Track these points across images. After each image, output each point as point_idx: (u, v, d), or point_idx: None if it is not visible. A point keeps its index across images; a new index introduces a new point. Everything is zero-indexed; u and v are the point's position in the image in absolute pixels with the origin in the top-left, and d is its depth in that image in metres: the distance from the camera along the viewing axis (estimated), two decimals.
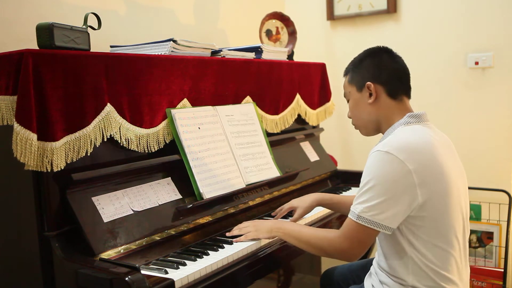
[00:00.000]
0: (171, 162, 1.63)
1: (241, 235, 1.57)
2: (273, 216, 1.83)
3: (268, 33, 2.60)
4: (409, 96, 1.46)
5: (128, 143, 1.51)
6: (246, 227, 1.59)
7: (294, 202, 1.80)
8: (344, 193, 2.22)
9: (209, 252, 1.46)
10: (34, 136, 1.24)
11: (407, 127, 1.38)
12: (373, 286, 1.44)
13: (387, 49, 1.49)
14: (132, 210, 1.46)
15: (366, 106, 1.45)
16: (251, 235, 1.55)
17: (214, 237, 1.63)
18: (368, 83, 1.43)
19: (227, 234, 1.61)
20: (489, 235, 2.67)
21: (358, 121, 1.51)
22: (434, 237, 1.30)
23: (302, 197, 1.83)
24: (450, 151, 1.40)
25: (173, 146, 1.66)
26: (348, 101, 1.53)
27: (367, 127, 1.49)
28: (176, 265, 1.35)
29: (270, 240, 1.58)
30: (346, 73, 1.54)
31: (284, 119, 2.25)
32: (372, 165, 1.30)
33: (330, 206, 1.83)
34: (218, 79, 1.87)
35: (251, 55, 2.10)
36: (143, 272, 1.22)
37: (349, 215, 1.32)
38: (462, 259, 1.36)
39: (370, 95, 1.43)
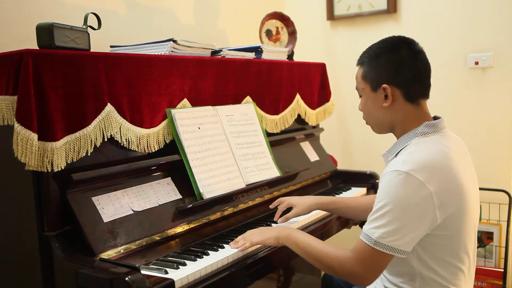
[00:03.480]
0: (171, 162, 1.63)
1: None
2: (275, 221, 1.77)
3: (268, 33, 2.60)
4: (427, 97, 1.36)
5: (129, 143, 1.51)
6: (252, 235, 1.50)
7: (293, 200, 1.75)
8: (344, 193, 2.22)
9: (209, 252, 1.46)
10: (34, 136, 1.24)
11: (424, 138, 1.29)
12: None
13: (408, 41, 1.36)
14: (132, 210, 1.46)
15: (380, 107, 1.34)
16: (256, 238, 1.47)
17: (214, 237, 1.63)
18: (385, 85, 1.31)
19: (231, 245, 1.51)
20: (489, 235, 2.67)
21: (370, 119, 1.41)
22: (446, 254, 1.26)
23: (302, 197, 1.79)
24: (465, 160, 1.34)
25: (173, 146, 1.66)
26: (360, 96, 1.42)
27: (379, 127, 1.41)
28: (176, 265, 1.35)
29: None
30: (360, 63, 1.40)
31: (284, 119, 2.25)
32: (391, 186, 1.20)
33: (330, 210, 1.78)
34: (218, 79, 1.87)
35: (251, 55, 2.10)
36: (143, 272, 1.22)
37: (362, 238, 1.23)
38: (471, 271, 1.34)
39: (386, 97, 1.32)
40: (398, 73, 1.32)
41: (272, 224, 1.76)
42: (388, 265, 1.33)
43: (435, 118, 1.37)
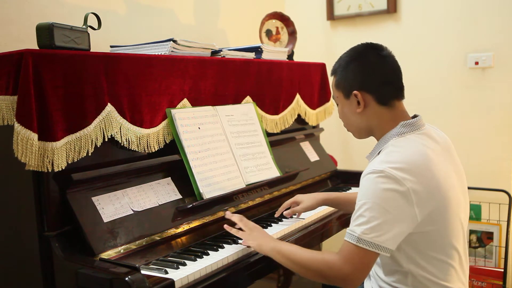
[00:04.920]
0: (171, 162, 1.63)
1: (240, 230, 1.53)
2: (275, 218, 1.81)
3: (268, 33, 2.60)
4: (401, 98, 1.39)
5: (129, 143, 1.51)
6: (245, 227, 1.51)
7: (299, 197, 1.80)
8: None
9: (209, 252, 1.46)
10: (35, 136, 1.24)
11: (400, 138, 1.32)
12: None
13: (374, 46, 1.39)
14: (132, 210, 1.46)
15: (354, 113, 1.38)
16: (251, 244, 1.47)
17: (214, 237, 1.63)
18: (355, 92, 1.35)
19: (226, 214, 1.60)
20: (489, 235, 2.67)
21: (349, 126, 1.45)
22: (433, 250, 1.27)
23: (308, 194, 1.82)
24: (448, 156, 1.36)
25: (173, 146, 1.66)
26: (337, 104, 1.47)
27: (359, 133, 1.44)
28: (176, 265, 1.35)
29: None
30: (333, 73, 1.45)
31: (284, 119, 2.25)
32: (369, 186, 1.24)
33: (336, 206, 1.82)
34: (218, 79, 1.87)
35: (251, 55, 2.10)
36: (143, 272, 1.22)
37: (346, 238, 1.24)
38: (464, 266, 1.34)
39: (358, 103, 1.36)
40: (367, 78, 1.36)
41: (271, 227, 1.76)
42: (381, 265, 1.35)
43: (414, 117, 1.38)
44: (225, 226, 1.55)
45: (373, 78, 1.35)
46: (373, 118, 1.37)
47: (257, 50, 2.16)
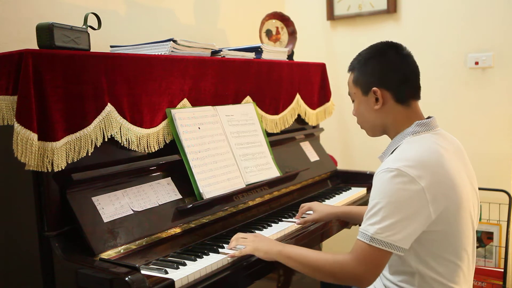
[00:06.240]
0: (171, 162, 1.63)
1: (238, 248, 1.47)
2: (275, 218, 1.82)
3: (268, 33, 2.60)
4: (418, 98, 1.40)
5: (129, 143, 1.51)
6: (245, 241, 1.46)
7: (314, 205, 1.80)
8: (344, 193, 2.22)
9: (209, 252, 1.46)
10: (34, 136, 1.24)
11: (415, 137, 1.32)
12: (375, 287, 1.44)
13: (395, 45, 1.41)
14: (132, 210, 1.46)
15: (371, 110, 1.38)
16: (247, 250, 1.43)
17: (214, 237, 1.63)
18: (375, 88, 1.35)
19: (227, 248, 1.49)
20: (489, 235, 2.67)
21: (364, 123, 1.45)
22: (444, 250, 1.26)
23: (323, 204, 1.83)
24: (460, 158, 1.36)
25: (173, 146, 1.66)
26: (352, 101, 1.46)
27: (373, 130, 1.44)
28: (176, 265, 1.35)
29: None
30: (351, 69, 1.45)
31: (284, 119, 2.25)
32: (383, 184, 1.22)
33: (348, 219, 1.82)
34: (218, 79, 1.87)
35: (251, 55, 2.10)
36: (143, 272, 1.22)
37: (359, 237, 1.23)
38: (470, 269, 1.34)
39: (376, 100, 1.36)
40: (387, 75, 1.36)
41: (270, 227, 1.76)
42: (388, 263, 1.34)
43: (429, 118, 1.39)
44: (229, 256, 1.44)
45: (393, 76, 1.36)
46: (389, 116, 1.37)
47: (257, 50, 2.16)
